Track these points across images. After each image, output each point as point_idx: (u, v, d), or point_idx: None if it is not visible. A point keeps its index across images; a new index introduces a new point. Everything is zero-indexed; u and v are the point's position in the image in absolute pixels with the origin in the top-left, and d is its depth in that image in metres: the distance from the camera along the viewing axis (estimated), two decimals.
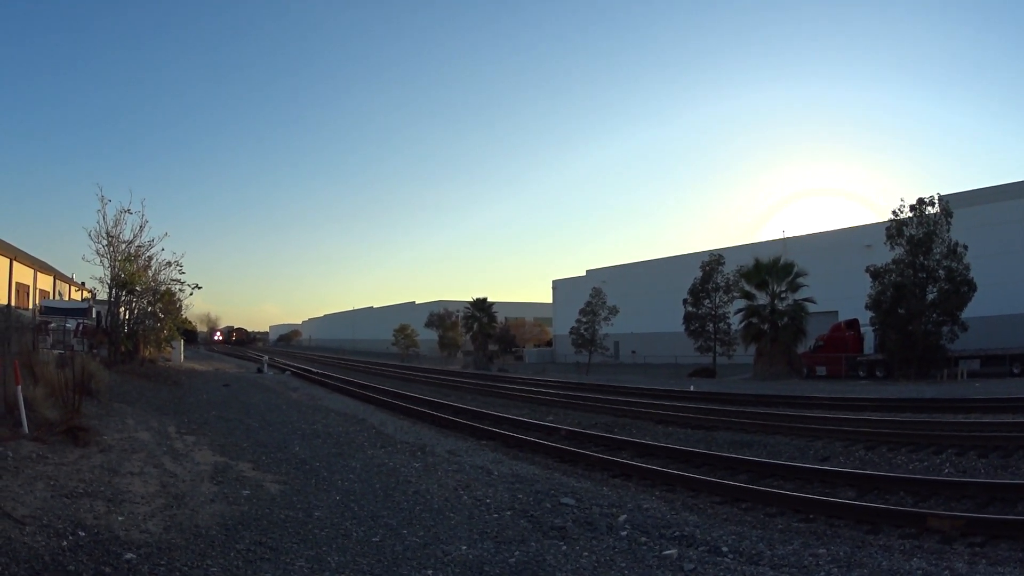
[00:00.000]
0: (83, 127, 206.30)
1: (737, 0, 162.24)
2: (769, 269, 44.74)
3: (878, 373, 39.17)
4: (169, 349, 45.35)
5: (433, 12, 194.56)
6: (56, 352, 22.97)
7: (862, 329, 42.94)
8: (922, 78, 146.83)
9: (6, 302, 36.32)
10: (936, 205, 38.24)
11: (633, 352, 69.31)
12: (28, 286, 47.25)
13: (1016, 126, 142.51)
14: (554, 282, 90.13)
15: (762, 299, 45.01)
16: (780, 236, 61.94)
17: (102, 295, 35.51)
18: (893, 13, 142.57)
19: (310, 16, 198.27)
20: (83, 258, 40.39)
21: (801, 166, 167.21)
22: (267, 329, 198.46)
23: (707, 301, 51.48)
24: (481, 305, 73.05)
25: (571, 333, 62.58)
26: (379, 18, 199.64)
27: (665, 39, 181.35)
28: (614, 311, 60.12)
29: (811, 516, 9.65)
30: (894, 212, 38.94)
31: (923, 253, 37.17)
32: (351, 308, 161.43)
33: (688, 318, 52.06)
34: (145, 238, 32.46)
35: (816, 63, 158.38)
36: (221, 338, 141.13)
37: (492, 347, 74.65)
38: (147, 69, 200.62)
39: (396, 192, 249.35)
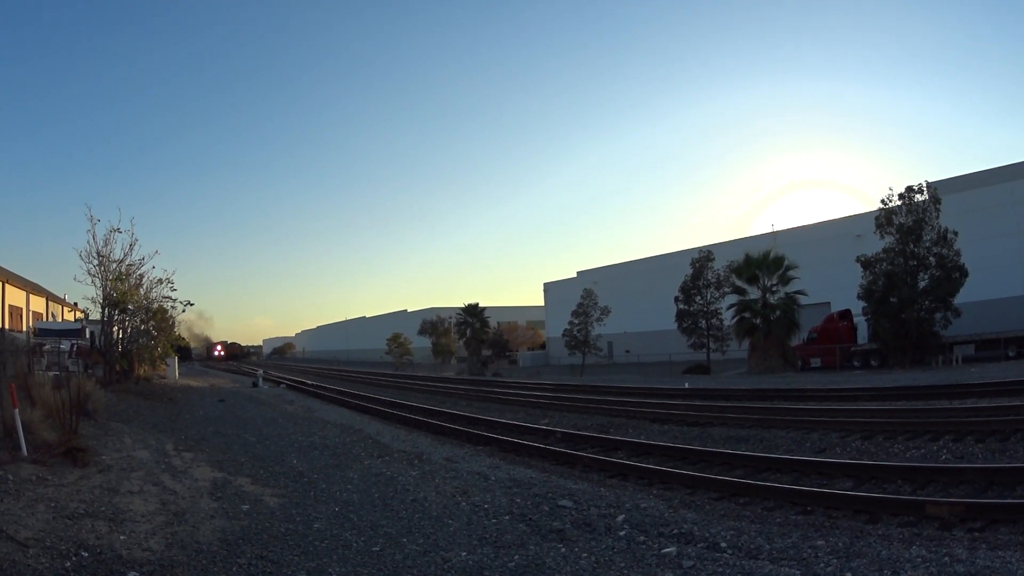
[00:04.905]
0: (71, 147, 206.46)
1: None
2: (760, 263, 44.77)
3: (873, 362, 39.30)
4: (164, 366, 45.19)
5: (419, 22, 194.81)
6: (51, 374, 22.85)
7: (855, 319, 43.06)
8: (907, 69, 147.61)
9: (0, 325, 36.20)
10: (925, 192, 38.32)
11: (627, 352, 69.36)
12: (21, 308, 47.12)
13: (1001, 113, 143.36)
14: (545, 285, 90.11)
15: (754, 293, 45.04)
16: (770, 230, 62.18)
17: (95, 315, 35.42)
18: (878, 5, 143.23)
19: (295, 26, 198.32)
20: (75, 278, 40.33)
21: (788, 160, 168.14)
22: (260, 343, 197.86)
23: (699, 298, 51.48)
24: (473, 311, 73.02)
25: (564, 335, 62.64)
26: (366, 28, 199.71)
27: (650, 40, 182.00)
28: (606, 311, 60.19)
29: (809, 508, 9.68)
30: (883, 201, 39.09)
31: (913, 241, 37.28)
32: (344, 319, 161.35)
33: (680, 315, 52.06)
34: (136, 256, 32.36)
35: (801, 57, 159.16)
36: (223, 353, 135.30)
37: (486, 352, 74.65)
38: (133, 86, 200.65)
39: (386, 202, 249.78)
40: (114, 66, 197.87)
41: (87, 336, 38.35)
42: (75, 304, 55.81)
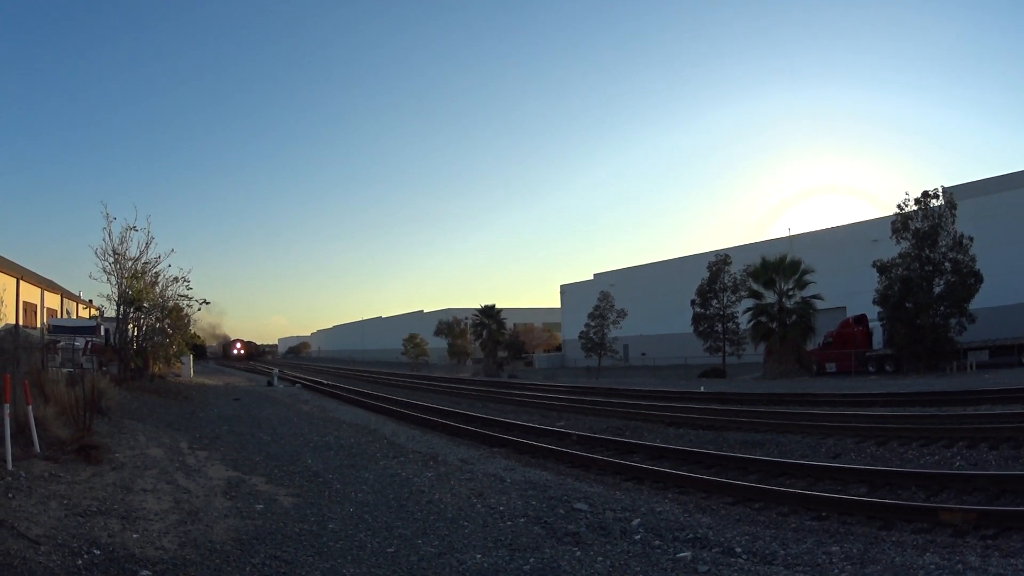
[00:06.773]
0: (88, 145, 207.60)
1: (739, 4, 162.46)
2: (776, 267, 44.66)
3: (888, 368, 39.13)
4: (179, 365, 45.40)
5: (439, 25, 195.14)
6: (65, 371, 22.96)
7: (870, 324, 42.84)
8: (922, 74, 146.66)
9: (14, 321, 36.40)
10: (940, 198, 38.15)
11: (643, 354, 69.16)
12: (35, 305, 47.32)
13: (1017, 118, 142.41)
14: (562, 287, 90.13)
15: (770, 297, 44.91)
16: (786, 234, 61.86)
17: (110, 312, 35.53)
18: (892, 12, 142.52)
19: (314, 27, 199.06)
20: (90, 276, 40.27)
21: (805, 165, 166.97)
22: (276, 342, 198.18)
23: (715, 301, 51.34)
24: (489, 312, 73.04)
25: (580, 337, 62.56)
26: (383, 30, 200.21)
27: (669, 46, 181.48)
28: (623, 314, 60.08)
29: (823, 514, 9.64)
30: (899, 206, 38.96)
31: (929, 246, 37.12)
32: (360, 319, 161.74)
33: (697, 319, 51.96)
34: (151, 254, 32.44)
35: (817, 64, 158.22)
36: (243, 351, 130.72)
37: (501, 354, 74.70)
38: (151, 86, 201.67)
39: (403, 203, 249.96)
40: (131, 66, 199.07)
41: (102, 333, 38.51)
42: (90, 301, 56.11)
